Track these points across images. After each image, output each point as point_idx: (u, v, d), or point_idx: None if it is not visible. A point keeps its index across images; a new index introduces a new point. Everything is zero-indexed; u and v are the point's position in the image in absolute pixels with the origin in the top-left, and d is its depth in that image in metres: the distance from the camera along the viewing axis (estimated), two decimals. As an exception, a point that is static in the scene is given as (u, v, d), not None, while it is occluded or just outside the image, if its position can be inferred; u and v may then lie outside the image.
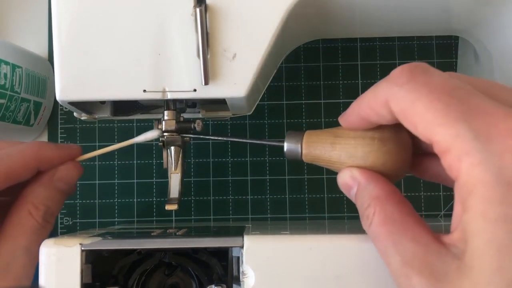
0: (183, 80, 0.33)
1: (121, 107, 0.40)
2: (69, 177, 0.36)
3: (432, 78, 0.24)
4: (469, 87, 0.23)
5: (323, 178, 0.52)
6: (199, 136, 0.38)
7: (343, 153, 0.28)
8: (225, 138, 0.37)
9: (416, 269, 0.23)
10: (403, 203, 0.26)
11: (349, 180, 0.28)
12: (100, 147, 0.52)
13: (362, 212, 0.27)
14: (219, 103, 0.38)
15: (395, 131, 0.28)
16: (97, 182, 0.52)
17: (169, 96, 0.34)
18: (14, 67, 0.44)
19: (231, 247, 0.31)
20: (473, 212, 0.21)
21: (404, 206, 0.26)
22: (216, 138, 0.37)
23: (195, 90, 0.34)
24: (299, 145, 0.30)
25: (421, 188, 0.51)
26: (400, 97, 0.24)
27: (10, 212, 0.33)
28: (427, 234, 0.24)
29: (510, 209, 0.20)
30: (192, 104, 0.41)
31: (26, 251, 0.32)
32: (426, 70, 0.24)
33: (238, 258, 0.30)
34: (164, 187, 0.43)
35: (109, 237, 0.31)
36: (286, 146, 0.31)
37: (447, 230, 0.23)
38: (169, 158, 0.38)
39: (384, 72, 0.53)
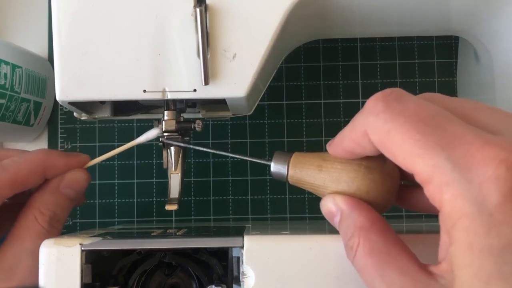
0: (183, 80, 0.33)
1: (121, 107, 0.40)
2: (76, 183, 0.36)
3: (407, 105, 0.23)
4: (445, 112, 0.23)
5: (323, 178, 0.52)
6: (187, 146, 0.37)
7: (328, 177, 0.28)
8: (211, 151, 0.37)
9: None
10: (388, 231, 0.25)
11: (332, 207, 0.28)
12: (100, 147, 0.52)
13: (345, 242, 0.26)
14: (219, 103, 0.38)
15: (382, 160, 0.27)
16: (97, 182, 0.52)
17: (169, 96, 0.34)
18: (14, 67, 0.44)
19: (231, 247, 0.31)
20: (459, 244, 0.20)
21: (389, 234, 0.25)
22: (204, 149, 0.37)
23: (195, 90, 0.34)
24: (286, 166, 0.30)
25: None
26: (377, 127, 0.23)
27: (18, 217, 0.35)
28: (414, 264, 0.23)
29: (495, 240, 0.19)
30: (192, 104, 0.41)
31: (31, 254, 0.32)
32: (400, 96, 0.24)
33: (238, 258, 0.30)
34: (164, 187, 0.43)
35: (109, 237, 0.31)
36: (272, 166, 0.30)
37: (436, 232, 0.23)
38: (169, 158, 0.38)
39: (384, 72, 0.53)
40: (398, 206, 0.30)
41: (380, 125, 0.23)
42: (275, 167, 0.30)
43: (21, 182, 0.34)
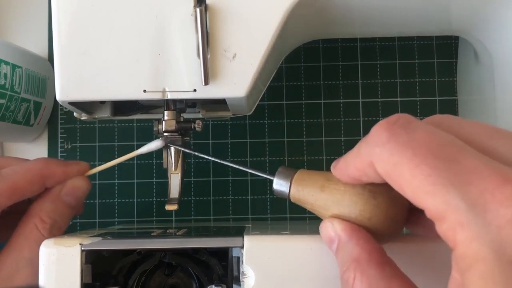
0: (183, 80, 0.33)
1: (121, 107, 0.40)
2: (77, 191, 0.36)
3: (415, 135, 0.21)
4: (458, 142, 0.21)
5: (323, 178, 0.52)
6: (194, 153, 0.37)
7: (330, 198, 0.26)
8: (218, 160, 0.36)
9: None
10: (387, 264, 0.24)
11: (331, 233, 0.26)
12: (100, 147, 0.52)
13: (341, 273, 0.25)
14: (219, 103, 0.38)
15: (388, 187, 0.24)
16: (97, 182, 0.52)
17: (169, 96, 0.34)
18: (14, 67, 0.44)
19: (231, 247, 0.31)
20: None
21: (388, 267, 0.23)
22: (208, 157, 0.36)
23: (195, 90, 0.34)
24: (289, 183, 0.28)
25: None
26: (383, 160, 0.22)
27: (18, 226, 0.34)
28: None
29: None
30: (192, 104, 0.41)
31: (30, 263, 0.32)
32: (406, 124, 0.22)
33: (238, 258, 0.30)
34: (164, 187, 0.43)
35: (109, 237, 0.31)
36: (275, 182, 0.29)
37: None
38: (169, 158, 0.38)
39: (384, 72, 0.53)
40: (410, 231, 0.28)
41: (387, 158, 0.22)
42: (278, 183, 0.29)
43: (20, 192, 0.34)
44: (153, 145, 0.37)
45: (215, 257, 0.32)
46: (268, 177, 0.30)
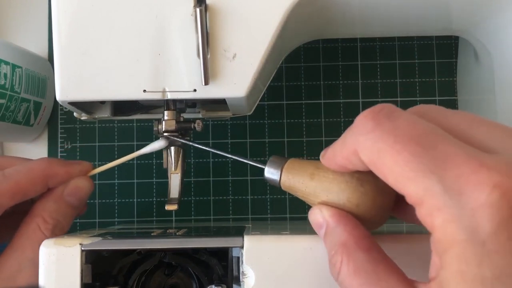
0: (183, 80, 0.33)
1: (121, 107, 0.40)
2: (80, 191, 0.36)
3: (397, 123, 0.22)
4: (438, 130, 0.22)
5: (323, 178, 0.52)
6: (184, 141, 0.37)
7: (319, 185, 0.27)
8: (209, 149, 0.37)
9: None
10: (374, 249, 0.24)
11: (319, 219, 0.27)
12: (100, 147, 0.52)
13: (329, 258, 0.25)
14: (219, 103, 0.38)
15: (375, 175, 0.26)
16: (97, 182, 0.52)
17: (169, 96, 0.34)
18: (14, 67, 0.44)
19: (231, 247, 0.31)
20: (450, 271, 0.20)
21: (375, 252, 0.24)
22: (200, 147, 0.37)
23: (195, 90, 0.34)
24: (279, 171, 0.29)
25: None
26: (367, 147, 0.23)
27: (20, 226, 0.34)
28: (402, 283, 0.22)
29: (487, 271, 0.19)
30: (192, 104, 0.41)
31: (32, 263, 0.32)
32: (390, 113, 0.23)
33: (238, 258, 0.30)
34: (164, 187, 0.43)
35: (109, 237, 0.31)
36: (266, 170, 0.30)
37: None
38: (169, 158, 0.38)
39: (384, 72, 0.53)
40: (397, 218, 0.29)
41: (370, 145, 0.22)
42: (269, 171, 0.30)
43: (22, 192, 0.34)
44: (157, 145, 0.37)
45: (215, 257, 0.32)
46: (260, 165, 0.31)
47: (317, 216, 0.27)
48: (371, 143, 0.22)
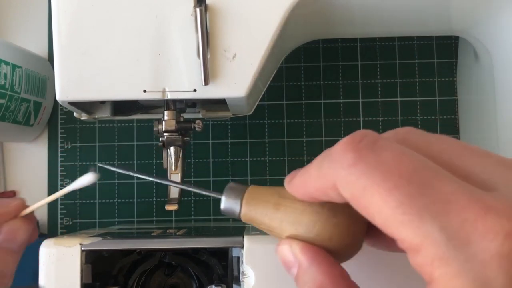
0: (183, 80, 0.33)
1: (121, 107, 0.40)
2: (16, 235, 0.32)
3: (383, 156, 0.19)
4: (430, 164, 0.19)
5: (323, 178, 0.52)
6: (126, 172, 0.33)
7: (286, 218, 0.24)
8: (156, 180, 0.32)
9: None
10: None
11: (289, 256, 0.24)
12: (100, 147, 0.52)
13: None
14: (219, 103, 0.38)
15: (348, 204, 0.22)
16: (97, 182, 0.52)
17: (169, 96, 0.34)
18: (14, 67, 0.44)
19: (231, 247, 0.31)
20: None
21: None
22: (147, 178, 0.31)
23: (195, 90, 0.34)
24: (239, 202, 0.25)
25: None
26: (349, 183, 0.20)
27: None
28: None
29: None
30: (192, 104, 0.41)
31: None
32: (372, 144, 0.20)
33: (238, 258, 0.30)
34: (164, 187, 0.43)
35: (109, 237, 0.32)
36: (223, 201, 0.26)
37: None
38: (169, 158, 0.38)
39: (384, 72, 0.53)
40: (368, 245, 0.26)
41: (353, 181, 0.19)
42: (227, 202, 0.26)
43: None
44: (85, 180, 0.33)
45: (215, 257, 0.32)
46: (216, 196, 0.27)
47: (287, 253, 0.24)
48: (355, 178, 0.19)
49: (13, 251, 0.33)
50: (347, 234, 0.24)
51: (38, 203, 0.33)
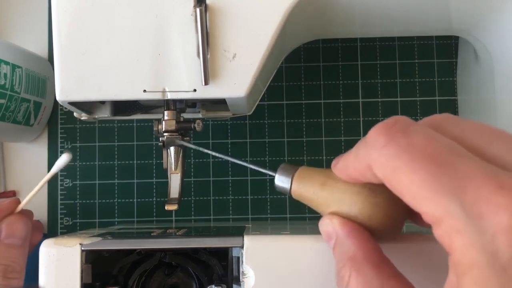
0: (183, 80, 0.33)
1: (121, 107, 0.40)
2: (16, 230, 0.35)
3: (413, 139, 0.21)
4: (456, 147, 0.21)
5: (323, 178, 0.52)
6: (192, 147, 0.37)
7: (330, 196, 0.27)
8: (224, 156, 0.36)
9: None
10: (383, 263, 0.24)
11: (329, 229, 0.26)
12: (100, 147, 0.52)
13: (337, 270, 0.25)
14: (219, 103, 0.38)
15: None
16: (97, 182, 0.52)
17: (169, 96, 0.34)
18: (14, 67, 0.44)
19: (231, 247, 0.31)
20: None
21: (385, 267, 0.24)
22: (213, 153, 0.36)
23: (195, 90, 0.34)
24: (290, 179, 0.29)
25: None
26: (381, 164, 0.22)
27: None
28: None
29: None
30: (192, 104, 0.41)
31: None
32: (404, 128, 0.22)
33: (238, 258, 0.30)
34: (164, 187, 0.43)
35: (109, 237, 0.31)
36: (276, 178, 0.29)
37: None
38: (169, 158, 0.38)
39: (384, 72, 0.53)
40: (413, 223, 0.29)
41: (384, 162, 0.22)
42: (279, 179, 0.29)
43: None
44: (62, 161, 0.35)
45: (215, 257, 0.32)
46: (270, 173, 0.30)
47: (328, 226, 0.26)
48: (385, 159, 0.22)
49: (17, 245, 0.35)
50: (385, 215, 0.26)
51: (28, 196, 0.36)
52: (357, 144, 0.24)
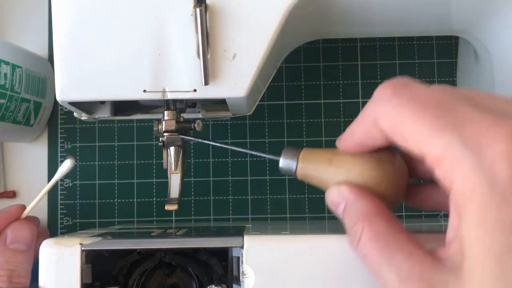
0: (183, 80, 0.33)
1: (121, 107, 0.40)
2: (21, 236, 0.35)
3: (416, 91, 0.24)
4: (455, 96, 0.23)
5: (323, 178, 0.52)
6: (197, 140, 0.37)
7: (338, 170, 0.28)
8: (225, 146, 0.37)
9: (415, 285, 0.22)
10: (393, 220, 0.25)
11: (337, 197, 0.27)
12: (100, 147, 0.52)
13: (349, 229, 0.26)
14: (219, 103, 0.38)
15: (392, 154, 0.28)
16: (97, 182, 0.52)
17: (169, 96, 0.34)
18: (14, 67, 0.44)
19: (231, 247, 0.31)
20: (469, 221, 0.20)
21: (395, 223, 0.25)
22: (215, 143, 0.37)
23: (195, 90, 0.34)
24: (295, 160, 0.29)
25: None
26: (387, 113, 0.24)
27: None
28: (421, 249, 0.23)
29: (507, 216, 0.19)
30: (192, 104, 0.41)
31: None
32: (408, 83, 0.24)
33: (238, 258, 0.30)
34: (164, 187, 0.43)
35: (109, 237, 0.32)
36: (281, 161, 0.30)
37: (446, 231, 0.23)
38: (169, 158, 0.38)
39: (384, 72, 0.53)
40: (406, 203, 0.30)
41: (390, 110, 0.24)
42: (284, 162, 0.30)
43: None
44: (65, 168, 0.36)
45: (215, 257, 0.32)
46: (274, 157, 0.31)
47: (335, 194, 0.27)
48: (391, 109, 0.23)
49: (22, 250, 0.35)
50: (393, 182, 0.27)
51: (33, 203, 0.36)
52: (362, 110, 0.26)
